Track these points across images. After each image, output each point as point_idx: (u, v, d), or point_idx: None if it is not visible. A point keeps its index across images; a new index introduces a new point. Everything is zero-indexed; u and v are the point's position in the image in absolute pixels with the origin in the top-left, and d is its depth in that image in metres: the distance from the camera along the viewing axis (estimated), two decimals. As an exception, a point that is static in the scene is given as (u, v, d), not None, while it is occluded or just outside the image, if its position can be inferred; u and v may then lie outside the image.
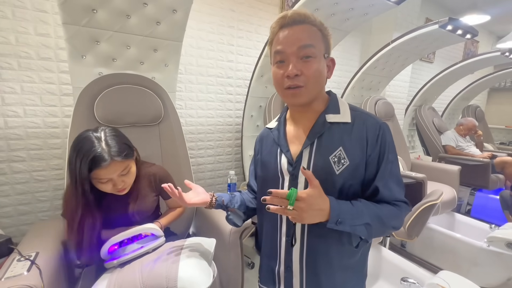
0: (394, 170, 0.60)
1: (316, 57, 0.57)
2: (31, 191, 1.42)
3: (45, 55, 1.35)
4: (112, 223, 0.88)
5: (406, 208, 0.61)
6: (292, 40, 0.56)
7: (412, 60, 2.24)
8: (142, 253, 0.79)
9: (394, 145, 0.62)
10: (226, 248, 0.95)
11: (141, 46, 1.23)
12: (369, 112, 0.64)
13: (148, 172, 0.95)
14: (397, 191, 0.60)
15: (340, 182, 0.58)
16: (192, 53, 1.78)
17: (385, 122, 0.61)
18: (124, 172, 0.80)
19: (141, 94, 1.20)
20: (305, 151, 0.62)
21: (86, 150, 0.73)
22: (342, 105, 0.64)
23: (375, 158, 0.59)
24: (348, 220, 0.54)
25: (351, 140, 0.59)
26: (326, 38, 0.60)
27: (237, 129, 2.07)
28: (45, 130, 1.40)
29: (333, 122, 0.61)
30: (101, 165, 0.73)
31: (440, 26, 1.63)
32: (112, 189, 0.80)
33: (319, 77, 0.59)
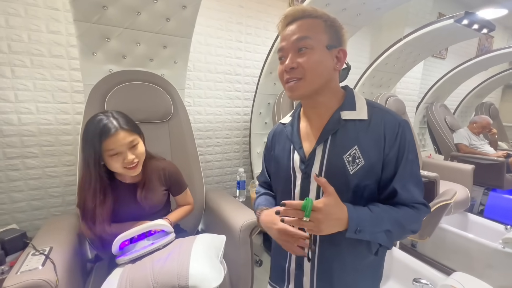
0: (414, 171, 0.57)
1: (313, 48, 0.55)
2: (44, 187, 1.44)
3: (56, 53, 1.36)
4: (122, 215, 0.89)
5: (425, 210, 0.58)
6: (289, 35, 0.57)
7: (424, 56, 2.18)
8: (152, 250, 0.79)
9: (415, 144, 0.59)
10: (236, 245, 0.95)
11: (150, 43, 1.23)
12: (388, 108, 0.61)
13: (157, 166, 0.96)
14: (416, 193, 0.57)
15: (354, 182, 0.56)
16: (200, 50, 1.77)
17: (405, 120, 0.58)
18: (132, 145, 0.83)
19: (151, 91, 1.21)
20: (318, 149, 0.60)
21: (95, 126, 0.79)
22: (359, 101, 0.61)
23: (393, 158, 0.56)
24: (368, 228, 0.52)
25: (367, 138, 0.56)
26: (332, 29, 0.57)
27: (245, 126, 2.06)
28: (57, 127, 1.42)
29: (348, 119, 0.59)
30: (109, 133, 0.78)
31: (455, 20, 1.58)
32: (122, 165, 0.81)
33: (318, 68, 0.56)
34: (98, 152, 0.78)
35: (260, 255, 1.81)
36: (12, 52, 1.27)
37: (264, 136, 1.96)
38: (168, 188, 1.00)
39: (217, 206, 1.16)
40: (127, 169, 0.83)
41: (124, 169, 0.83)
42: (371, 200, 0.58)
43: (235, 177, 2.10)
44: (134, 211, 0.90)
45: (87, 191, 0.81)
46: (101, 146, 0.78)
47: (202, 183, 1.29)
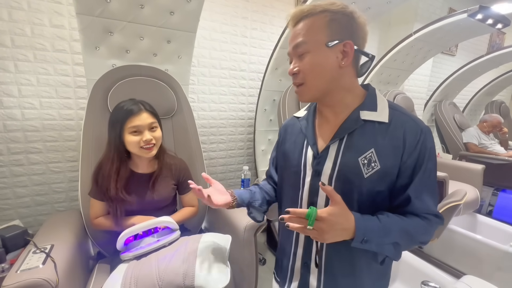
0: (431, 181, 0.55)
1: (310, 51, 0.54)
2: (48, 182, 1.44)
3: (59, 47, 1.34)
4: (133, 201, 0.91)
5: (436, 222, 0.55)
6: (291, 40, 0.57)
7: (434, 53, 2.12)
8: (158, 247, 0.78)
9: (435, 152, 0.56)
10: (240, 245, 0.93)
11: (154, 37, 1.20)
12: (411, 113, 0.57)
13: (170, 161, 1.02)
14: (430, 203, 0.55)
15: (367, 187, 0.53)
16: (205, 45, 1.74)
17: (428, 127, 0.55)
18: (152, 126, 0.92)
19: (154, 86, 1.18)
20: (332, 147, 0.57)
21: (123, 106, 0.91)
22: (381, 102, 0.57)
23: (411, 166, 0.53)
24: (375, 239, 0.50)
25: (385, 142, 0.53)
26: (335, 23, 0.53)
27: (249, 123, 2.03)
28: (60, 122, 1.41)
29: (367, 120, 0.55)
30: (134, 112, 0.88)
31: (469, 15, 1.52)
32: (140, 144, 0.88)
33: (317, 71, 0.54)
34: (122, 129, 0.87)
35: (264, 253, 1.80)
36: (15, 46, 1.26)
37: (269, 133, 1.93)
38: (177, 183, 1.03)
39: (221, 204, 1.14)
40: (143, 149, 0.90)
41: (141, 149, 0.90)
42: (382, 207, 0.55)
43: (238, 175, 2.09)
44: (144, 201, 0.93)
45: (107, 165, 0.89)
46: (125, 123, 0.87)
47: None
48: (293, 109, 1.64)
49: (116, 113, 0.90)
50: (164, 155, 1.01)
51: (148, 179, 0.96)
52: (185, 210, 1.04)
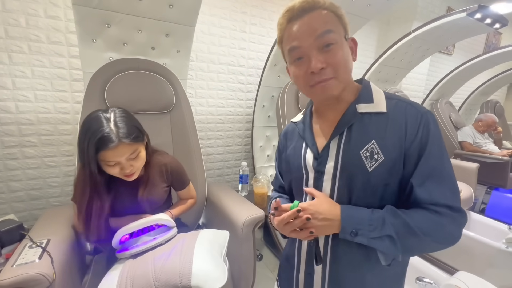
0: (438, 167, 0.49)
1: (337, 42, 0.50)
2: (43, 177, 1.42)
3: (55, 39, 1.32)
4: (121, 211, 0.86)
5: (453, 216, 0.48)
6: (307, 31, 0.50)
7: (433, 51, 2.13)
8: (154, 245, 0.77)
9: (441, 138, 0.51)
10: (238, 241, 0.93)
11: (152, 31, 1.18)
12: (410, 100, 0.54)
13: (159, 162, 0.91)
14: (438, 193, 0.48)
15: (373, 181, 0.50)
16: (203, 39, 1.72)
17: (430, 111, 0.53)
18: (132, 156, 0.76)
19: (152, 81, 1.17)
20: (333, 144, 0.55)
21: (94, 130, 0.70)
22: (377, 94, 0.56)
23: (415, 152, 0.49)
24: (366, 232, 0.48)
25: (386, 132, 0.51)
26: (341, 19, 0.53)
27: (247, 119, 2.02)
28: (55, 116, 1.39)
29: (365, 113, 0.54)
30: (108, 146, 0.70)
31: (468, 14, 1.52)
32: (120, 173, 0.77)
33: (347, 64, 0.52)
34: (93, 159, 0.72)
35: (261, 249, 1.80)
36: (9, 37, 1.23)
37: (267, 130, 1.93)
38: (170, 184, 0.97)
39: (218, 200, 1.14)
40: (124, 175, 0.79)
41: (122, 176, 0.79)
42: (393, 204, 0.52)
43: (236, 171, 2.08)
44: (134, 207, 0.87)
45: (83, 187, 0.76)
46: (98, 155, 0.71)
47: (203, 176, 1.26)
48: (292, 106, 1.63)
49: (87, 139, 0.70)
50: (152, 156, 0.89)
51: (135, 185, 0.85)
52: (183, 202, 1.02)
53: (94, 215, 0.77)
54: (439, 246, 0.49)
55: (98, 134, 0.69)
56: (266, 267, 1.63)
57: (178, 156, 1.21)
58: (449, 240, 0.49)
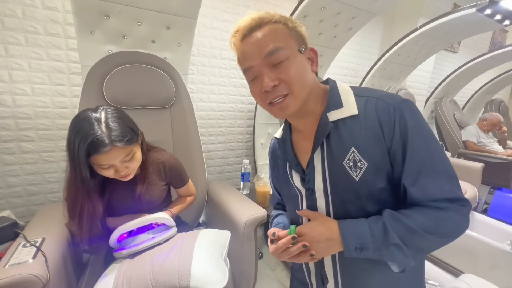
0: (427, 160, 0.45)
1: (289, 57, 0.47)
2: (40, 172, 1.39)
3: (53, 31, 1.28)
4: (118, 211, 0.83)
5: (455, 209, 0.45)
6: (256, 50, 0.48)
7: (439, 48, 2.09)
8: (153, 244, 0.74)
9: (423, 125, 0.47)
10: (239, 240, 0.90)
11: (152, 23, 1.14)
12: (380, 91, 0.51)
13: (157, 159, 0.87)
14: (433, 189, 0.45)
15: (365, 189, 0.48)
16: (205, 33, 1.68)
17: (405, 100, 0.47)
18: (127, 158, 0.72)
19: (153, 75, 1.13)
20: (316, 159, 0.52)
21: (84, 133, 0.65)
22: (344, 94, 0.52)
23: (398, 150, 0.46)
24: (370, 245, 0.45)
25: (363, 135, 0.48)
26: (294, 31, 0.50)
27: (249, 116, 1.99)
28: (53, 110, 1.36)
29: (337, 120, 0.50)
30: (101, 150, 0.65)
31: (478, 9, 1.48)
32: (115, 175, 0.73)
33: (302, 78, 0.49)
34: (84, 163, 0.67)
35: (261, 247, 1.78)
36: (6, 29, 1.19)
37: (269, 126, 1.90)
38: (168, 182, 0.93)
39: (219, 198, 1.11)
40: (120, 177, 0.75)
41: (116, 176, 0.75)
42: (394, 206, 0.49)
43: (237, 168, 2.05)
44: (131, 206, 0.83)
45: (74, 191, 0.72)
46: (89, 159, 0.67)
47: (204, 173, 1.23)
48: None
49: (76, 141, 0.65)
50: (149, 154, 0.86)
51: (132, 185, 0.81)
52: (183, 199, 0.99)
53: (87, 219, 0.73)
54: (447, 240, 0.46)
55: (89, 138, 0.64)
56: (266, 265, 1.61)
57: (178, 153, 1.18)
58: (456, 232, 0.46)
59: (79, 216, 0.73)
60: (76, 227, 0.74)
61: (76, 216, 0.73)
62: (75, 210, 0.73)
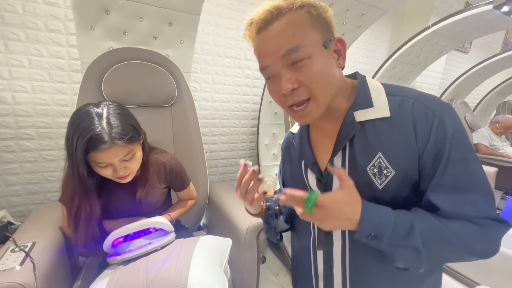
0: (463, 175, 0.40)
1: (311, 55, 0.42)
2: (40, 171, 1.37)
3: (53, 27, 1.25)
4: (115, 213, 0.79)
5: (497, 226, 0.41)
6: (272, 48, 0.42)
7: (451, 48, 2.01)
8: (149, 251, 0.70)
9: (464, 135, 0.42)
10: (241, 247, 0.86)
11: (154, 19, 1.11)
12: (418, 92, 0.45)
13: (157, 161, 0.84)
14: (468, 206, 0.40)
15: (387, 198, 0.44)
16: (209, 31, 1.64)
17: (446, 103, 0.43)
18: (126, 158, 0.69)
19: (154, 72, 1.10)
20: (336, 161, 0.47)
21: (84, 128, 0.62)
22: (375, 92, 0.46)
23: (430, 159, 0.41)
24: (386, 237, 0.40)
25: (393, 140, 0.43)
26: (319, 19, 0.43)
27: (253, 115, 1.94)
28: (54, 108, 1.33)
29: (365, 121, 0.45)
30: (100, 147, 0.62)
31: (494, 6, 1.41)
32: (113, 175, 0.70)
33: (326, 78, 0.43)
34: (82, 160, 0.64)
35: (264, 251, 1.74)
36: (5, 24, 1.17)
37: (273, 127, 1.85)
38: (169, 185, 0.90)
39: (221, 201, 1.07)
40: (117, 178, 0.71)
41: (114, 177, 0.71)
42: None
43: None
44: (130, 209, 0.80)
45: (71, 190, 0.69)
46: (87, 156, 0.64)
47: (206, 175, 1.19)
48: (301, 102, 1.54)
49: (75, 136, 0.62)
50: (149, 155, 0.82)
51: (131, 187, 0.78)
52: (183, 203, 0.95)
53: (83, 220, 0.70)
54: (475, 257, 0.41)
55: (88, 134, 0.61)
56: (269, 270, 1.57)
57: (179, 153, 1.14)
58: (489, 251, 0.41)
59: (75, 216, 0.70)
60: (72, 228, 0.71)
61: (72, 216, 0.70)
62: (71, 210, 0.70)
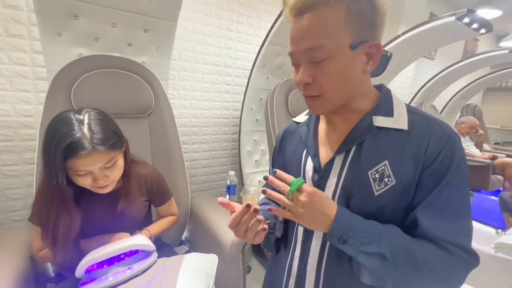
0: (455, 203, 0.42)
1: (332, 57, 0.42)
2: (1, 188, 1.24)
3: (15, 31, 1.15)
4: (94, 228, 0.74)
5: (464, 259, 0.41)
6: (298, 38, 0.43)
7: (420, 55, 2.13)
8: (129, 277, 0.64)
9: (465, 168, 0.44)
10: (226, 262, 0.82)
11: (128, 25, 1.06)
12: (437, 118, 0.47)
13: (138, 172, 0.81)
14: (450, 231, 0.42)
15: (378, 207, 0.44)
16: (187, 37, 1.60)
17: (458, 134, 0.45)
18: (108, 165, 0.66)
19: (128, 81, 1.04)
20: (338, 159, 0.48)
21: (62, 134, 0.59)
22: (398, 106, 0.48)
23: (429, 178, 0.42)
24: (356, 242, 0.41)
25: (404, 153, 0.44)
26: (359, 15, 0.41)
27: (234, 122, 1.92)
28: (16, 119, 1.22)
29: (382, 127, 0.46)
30: (79, 153, 0.59)
31: (457, 18, 1.51)
32: (92, 185, 0.66)
33: (341, 81, 0.44)
34: (60, 168, 0.61)
35: (249, 260, 1.70)
36: (-42, 28, 1.06)
37: (255, 133, 1.84)
38: (150, 199, 0.86)
39: (204, 214, 1.03)
40: (96, 187, 0.68)
41: (93, 187, 0.68)
42: None
43: (222, 177, 1.97)
44: (109, 224, 0.75)
45: (48, 200, 0.65)
46: (66, 163, 0.60)
47: (187, 186, 1.15)
48: (282, 109, 1.55)
49: (53, 142, 0.59)
50: (130, 166, 0.79)
51: (111, 200, 0.75)
52: (164, 220, 0.91)
53: (62, 233, 0.66)
54: (438, 284, 0.42)
55: (68, 139, 0.59)
56: (254, 279, 1.53)
57: (158, 164, 1.09)
58: (452, 283, 0.42)
59: (53, 229, 0.65)
60: (49, 244, 0.67)
61: (49, 230, 0.65)
62: (48, 222, 0.65)
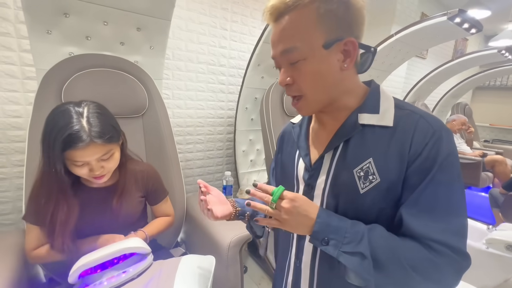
0: (442, 199, 0.40)
1: (306, 57, 0.43)
2: (-11, 191, 1.20)
3: (2, 29, 1.12)
4: (89, 226, 0.74)
5: (452, 258, 0.39)
6: (276, 42, 0.46)
7: (412, 54, 2.16)
8: (124, 281, 0.63)
9: (455, 164, 0.42)
10: (223, 264, 0.82)
11: (120, 23, 1.04)
12: (426, 112, 0.45)
13: (134, 169, 0.82)
14: (437, 229, 0.40)
15: (365, 205, 0.44)
16: (181, 36, 1.58)
17: (448, 129, 0.44)
18: (104, 157, 0.68)
19: (121, 80, 1.02)
20: (327, 157, 0.49)
21: (61, 126, 0.61)
22: (385, 102, 0.47)
23: (415, 175, 0.41)
24: (338, 243, 0.41)
25: (389, 149, 0.43)
26: (329, 15, 0.41)
27: (229, 122, 1.91)
28: (4, 120, 1.18)
29: (366, 125, 0.46)
30: (77, 145, 0.61)
31: (448, 18, 1.54)
32: (88, 174, 0.68)
33: (318, 80, 0.45)
34: (59, 159, 0.63)
35: (245, 260, 1.70)
36: None
37: (250, 133, 1.83)
38: (145, 195, 0.86)
39: (200, 215, 1.02)
40: (93, 178, 0.69)
41: (90, 177, 0.69)
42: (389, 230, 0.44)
43: (218, 177, 1.96)
44: (104, 222, 0.75)
45: (47, 189, 0.66)
46: (64, 154, 0.62)
47: (182, 186, 1.13)
48: (277, 108, 1.55)
49: (52, 134, 0.61)
50: (127, 162, 0.80)
51: (107, 194, 0.76)
52: (160, 221, 0.89)
53: (60, 222, 0.67)
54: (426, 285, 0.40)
55: (66, 131, 0.61)
56: (251, 280, 1.53)
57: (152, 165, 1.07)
58: (444, 284, 0.40)
59: (51, 219, 0.67)
60: (46, 233, 0.69)
61: (47, 219, 0.67)
62: (46, 212, 0.67)
